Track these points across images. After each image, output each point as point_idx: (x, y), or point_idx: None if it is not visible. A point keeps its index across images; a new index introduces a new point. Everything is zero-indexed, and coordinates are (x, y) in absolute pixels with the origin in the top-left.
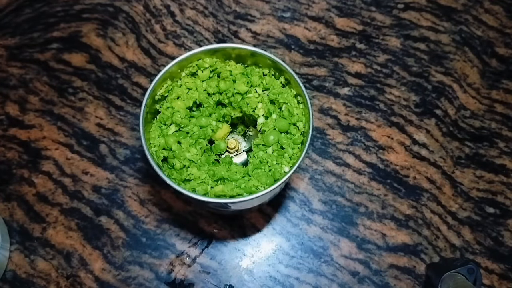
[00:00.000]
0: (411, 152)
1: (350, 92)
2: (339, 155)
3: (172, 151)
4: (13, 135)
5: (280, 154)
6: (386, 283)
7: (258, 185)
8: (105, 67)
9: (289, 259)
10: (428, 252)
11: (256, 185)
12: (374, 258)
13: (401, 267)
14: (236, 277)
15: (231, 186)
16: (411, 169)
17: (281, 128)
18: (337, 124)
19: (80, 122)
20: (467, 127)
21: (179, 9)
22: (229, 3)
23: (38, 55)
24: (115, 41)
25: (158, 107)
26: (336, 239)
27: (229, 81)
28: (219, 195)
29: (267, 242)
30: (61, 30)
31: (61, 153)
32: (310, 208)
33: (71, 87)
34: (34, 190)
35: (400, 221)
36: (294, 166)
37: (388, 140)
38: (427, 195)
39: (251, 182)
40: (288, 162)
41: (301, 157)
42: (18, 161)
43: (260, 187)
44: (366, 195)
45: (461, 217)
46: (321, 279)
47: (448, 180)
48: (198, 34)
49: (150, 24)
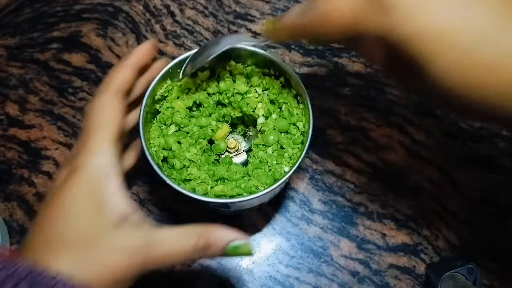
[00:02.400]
0: (411, 152)
1: (350, 92)
2: (339, 155)
3: (172, 151)
4: (13, 135)
5: (280, 154)
6: (386, 283)
7: (258, 185)
8: (105, 67)
9: (289, 259)
10: (428, 252)
11: (256, 185)
12: (374, 258)
13: (401, 267)
14: (236, 277)
15: (231, 186)
16: (411, 169)
17: (281, 128)
18: (337, 124)
19: (80, 122)
20: (467, 127)
21: (179, 9)
22: (229, 3)
23: (38, 55)
24: (115, 41)
25: (158, 107)
26: (336, 239)
27: (229, 81)
28: (219, 195)
29: (267, 242)
30: (61, 30)
31: (61, 153)
32: (310, 208)
33: (71, 87)
34: (34, 190)
35: (400, 221)
36: (294, 166)
37: (388, 140)
38: (427, 195)
39: (251, 182)
40: (288, 162)
41: (301, 157)
42: (18, 161)
43: (260, 187)
44: (366, 195)
45: (461, 217)
46: (321, 279)
47: (448, 180)
48: (198, 34)
49: (150, 24)
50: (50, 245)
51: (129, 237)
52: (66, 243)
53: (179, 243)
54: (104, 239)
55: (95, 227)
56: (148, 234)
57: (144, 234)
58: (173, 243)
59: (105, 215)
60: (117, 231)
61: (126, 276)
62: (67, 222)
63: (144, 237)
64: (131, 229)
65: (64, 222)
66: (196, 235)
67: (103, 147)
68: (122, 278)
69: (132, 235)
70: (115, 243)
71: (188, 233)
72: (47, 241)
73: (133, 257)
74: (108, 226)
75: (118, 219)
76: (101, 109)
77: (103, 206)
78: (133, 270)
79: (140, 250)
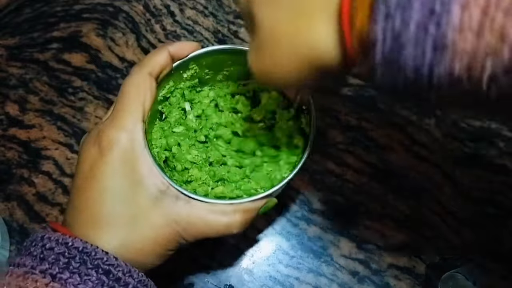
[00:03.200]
0: (411, 152)
1: (350, 92)
2: (339, 155)
3: (173, 152)
4: (13, 135)
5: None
6: (386, 283)
7: (258, 187)
8: (105, 67)
9: (289, 259)
10: (428, 252)
11: (255, 187)
12: (374, 258)
13: (401, 267)
14: (236, 277)
15: (231, 187)
16: (411, 169)
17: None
18: (337, 124)
19: (80, 122)
20: (467, 127)
21: (179, 9)
22: (229, 3)
23: (38, 55)
24: (115, 41)
25: (160, 108)
26: (336, 239)
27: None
28: (219, 196)
29: (267, 242)
30: (61, 30)
31: (61, 153)
32: (310, 208)
33: (71, 87)
34: (34, 190)
35: (400, 221)
36: (293, 171)
37: (388, 140)
38: (427, 195)
39: (249, 184)
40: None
41: (302, 160)
42: (18, 161)
43: (259, 189)
44: (366, 195)
45: (461, 217)
46: (321, 279)
47: (448, 180)
48: (198, 34)
49: (150, 24)
50: (94, 225)
51: (167, 210)
52: (110, 223)
53: (215, 216)
54: (144, 216)
55: (135, 206)
56: (185, 207)
57: (181, 207)
58: (209, 217)
59: (143, 193)
60: (156, 207)
61: (167, 248)
62: (108, 203)
63: (182, 210)
64: (168, 203)
65: (106, 203)
66: (233, 210)
67: (136, 125)
68: (163, 250)
69: (169, 209)
70: (154, 219)
71: (223, 208)
72: (90, 222)
73: (172, 230)
74: (147, 203)
75: (155, 195)
76: (136, 87)
77: (141, 183)
78: (172, 243)
79: (179, 222)
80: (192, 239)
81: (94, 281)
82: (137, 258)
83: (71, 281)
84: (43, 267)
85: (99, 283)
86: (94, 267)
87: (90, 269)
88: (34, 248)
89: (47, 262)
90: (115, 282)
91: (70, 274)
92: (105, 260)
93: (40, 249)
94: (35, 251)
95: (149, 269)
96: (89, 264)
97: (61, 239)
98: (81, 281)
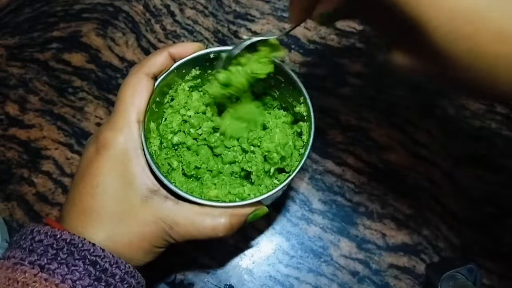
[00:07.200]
0: (411, 152)
1: (350, 92)
2: (339, 155)
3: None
4: (13, 134)
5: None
6: (386, 283)
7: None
8: (105, 67)
9: (289, 259)
10: (428, 252)
11: (248, 192)
12: (374, 258)
13: (401, 267)
14: (236, 277)
15: (225, 191)
16: (411, 169)
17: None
18: (337, 124)
19: (80, 122)
20: (467, 127)
21: (179, 9)
22: (229, 3)
23: (38, 55)
24: (115, 41)
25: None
26: (336, 239)
27: None
28: (212, 199)
29: (267, 242)
30: (61, 29)
31: (61, 153)
32: (310, 208)
33: (71, 87)
34: (34, 190)
35: (400, 221)
36: (291, 175)
37: (388, 140)
38: (427, 195)
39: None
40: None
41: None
42: (18, 161)
43: (251, 194)
44: (366, 195)
45: (461, 217)
46: (321, 279)
47: (448, 180)
48: (198, 34)
49: (150, 24)
50: (84, 218)
51: (156, 208)
52: (100, 217)
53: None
54: (133, 213)
55: (125, 203)
56: (173, 207)
57: (170, 206)
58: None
59: (134, 191)
60: (145, 205)
61: (154, 244)
62: (100, 198)
63: (170, 209)
64: (157, 202)
65: (98, 198)
66: (220, 214)
67: (131, 126)
68: (150, 247)
69: (158, 207)
70: (142, 216)
71: (211, 210)
72: (81, 215)
73: (159, 227)
74: (137, 201)
75: (145, 194)
76: (131, 88)
77: (132, 183)
78: (159, 240)
79: (166, 221)
80: (180, 239)
81: (81, 272)
82: (125, 252)
83: (59, 271)
84: (32, 259)
85: (86, 273)
86: (81, 258)
87: (77, 260)
88: (24, 241)
89: (35, 253)
90: (102, 272)
91: (58, 265)
92: (92, 251)
93: (29, 242)
94: (24, 243)
95: (140, 265)
96: (76, 255)
97: (50, 232)
98: (69, 272)
